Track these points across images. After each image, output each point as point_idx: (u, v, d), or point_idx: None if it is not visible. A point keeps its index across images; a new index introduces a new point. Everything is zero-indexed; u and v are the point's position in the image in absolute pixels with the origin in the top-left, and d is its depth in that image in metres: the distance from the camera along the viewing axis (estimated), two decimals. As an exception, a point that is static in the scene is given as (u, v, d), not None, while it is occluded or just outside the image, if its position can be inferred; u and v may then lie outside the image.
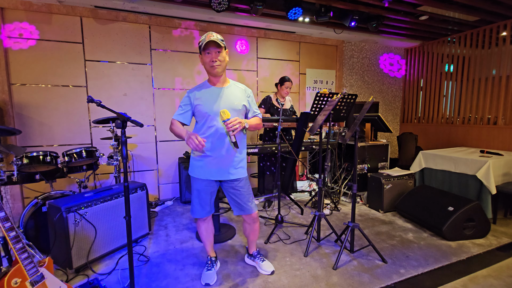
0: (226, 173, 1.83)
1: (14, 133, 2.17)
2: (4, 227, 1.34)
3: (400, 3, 3.47)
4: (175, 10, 3.48)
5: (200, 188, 1.85)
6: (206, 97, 1.78)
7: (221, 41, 1.71)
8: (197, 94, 1.80)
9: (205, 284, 1.93)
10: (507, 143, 3.90)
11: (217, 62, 1.72)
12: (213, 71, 1.74)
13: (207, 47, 1.69)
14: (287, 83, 3.41)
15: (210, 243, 2.08)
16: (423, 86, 5.24)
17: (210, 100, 1.78)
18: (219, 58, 1.72)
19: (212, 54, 1.71)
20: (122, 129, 1.49)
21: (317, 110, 2.81)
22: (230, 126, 1.64)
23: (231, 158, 1.83)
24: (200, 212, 1.90)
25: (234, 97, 1.82)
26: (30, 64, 3.17)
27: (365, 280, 1.97)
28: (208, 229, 2.01)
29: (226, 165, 1.82)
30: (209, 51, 1.71)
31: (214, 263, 2.10)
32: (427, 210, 2.81)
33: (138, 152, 3.74)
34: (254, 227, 2.05)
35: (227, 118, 1.65)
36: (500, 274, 2.06)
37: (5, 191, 3.12)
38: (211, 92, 1.81)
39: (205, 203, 1.88)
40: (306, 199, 3.79)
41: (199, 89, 1.83)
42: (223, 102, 1.78)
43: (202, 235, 2.03)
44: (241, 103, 1.83)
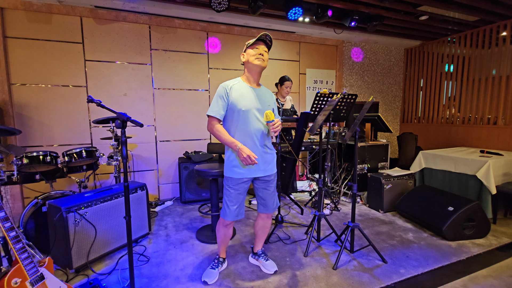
0: (262, 169, 1.88)
1: (14, 133, 2.17)
2: (4, 227, 1.34)
3: (400, 3, 3.47)
4: (175, 10, 3.48)
5: (236, 187, 1.86)
6: (244, 95, 1.81)
7: (270, 42, 1.83)
8: (234, 89, 1.81)
9: (203, 281, 1.95)
10: (507, 143, 3.90)
11: (262, 56, 1.79)
12: (256, 62, 1.79)
13: (257, 43, 1.80)
14: (287, 82, 3.41)
15: (225, 246, 2.11)
16: (423, 86, 5.24)
17: (247, 98, 1.80)
18: (265, 55, 1.82)
19: (260, 49, 1.79)
20: (122, 129, 1.49)
21: (317, 110, 2.81)
22: (275, 127, 1.72)
23: (268, 154, 1.90)
24: (234, 214, 1.88)
25: (267, 100, 1.89)
26: (30, 64, 3.17)
27: (365, 280, 1.97)
28: (227, 233, 2.02)
29: (262, 161, 1.87)
30: (258, 47, 1.80)
31: (221, 263, 2.10)
32: (427, 210, 2.81)
33: (138, 152, 3.74)
34: (267, 224, 2.10)
35: (272, 120, 1.72)
36: (500, 274, 2.06)
37: (5, 191, 3.12)
38: (248, 90, 1.84)
39: (238, 204, 1.88)
40: (306, 199, 3.79)
41: (236, 85, 1.84)
42: (259, 102, 1.83)
43: (220, 238, 2.04)
44: (272, 106, 1.91)
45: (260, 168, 1.87)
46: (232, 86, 1.81)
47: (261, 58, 1.78)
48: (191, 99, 3.94)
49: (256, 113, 1.81)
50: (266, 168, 1.90)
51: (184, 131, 3.95)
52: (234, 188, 1.85)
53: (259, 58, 1.78)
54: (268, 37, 1.79)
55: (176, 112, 3.87)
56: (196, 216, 3.22)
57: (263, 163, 1.88)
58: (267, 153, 1.90)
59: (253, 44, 1.79)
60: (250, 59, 1.80)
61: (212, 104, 1.81)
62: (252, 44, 1.79)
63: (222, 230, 1.98)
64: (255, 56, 1.78)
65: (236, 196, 1.86)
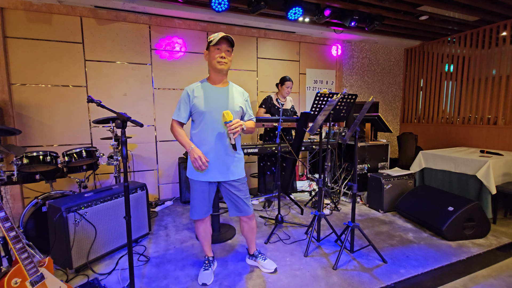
0: (225, 174, 1.83)
1: (14, 133, 2.17)
2: (4, 227, 1.34)
3: (400, 3, 3.47)
4: (175, 10, 3.47)
5: (199, 190, 1.84)
6: (206, 96, 1.78)
7: (233, 41, 1.75)
8: (196, 92, 1.79)
9: (202, 284, 1.93)
10: (507, 143, 3.90)
11: (225, 59, 1.74)
12: (219, 66, 1.75)
13: (219, 43, 1.72)
14: (288, 82, 3.41)
15: (208, 243, 2.09)
16: (423, 86, 5.24)
17: (210, 99, 1.77)
18: (228, 56, 1.76)
19: (222, 50, 1.73)
20: (122, 129, 1.49)
21: (317, 110, 2.81)
22: (233, 128, 1.66)
23: (230, 158, 1.84)
24: (198, 214, 1.89)
25: (233, 99, 1.83)
26: (30, 64, 3.17)
27: (365, 280, 1.97)
28: (206, 229, 2.01)
29: (226, 165, 1.82)
30: (220, 47, 1.73)
31: (212, 263, 2.10)
32: (427, 210, 2.81)
33: (138, 152, 3.73)
34: (252, 225, 2.05)
35: (229, 120, 1.66)
36: (500, 274, 2.06)
37: (5, 191, 3.12)
38: (211, 91, 1.80)
39: (203, 205, 1.88)
40: (306, 199, 3.79)
41: (199, 86, 1.82)
42: (223, 102, 1.79)
43: (200, 236, 2.04)
44: (239, 105, 1.85)
45: (221, 173, 1.81)
46: (194, 89, 1.80)
47: (223, 62, 1.74)
48: (191, 99, 3.93)
49: (219, 115, 1.75)
50: (229, 173, 1.82)
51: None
52: (197, 190, 1.84)
53: (221, 62, 1.73)
54: (230, 37, 1.72)
55: (176, 112, 3.87)
56: (196, 216, 3.22)
57: (226, 167, 1.81)
58: (231, 156, 1.83)
59: (215, 44, 1.71)
60: (213, 62, 1.75)
61: (176, 108, 1.83)
62: (214, 44, 1.71)
63: (199, 226, 1.98)
64: (217, 59, 1.73)
65: (201, 197, 1.85)
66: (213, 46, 1.73)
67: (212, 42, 1.72)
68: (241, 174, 1.90)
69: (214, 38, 1.71)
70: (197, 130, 1.81)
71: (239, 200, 1.90)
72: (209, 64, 1.81)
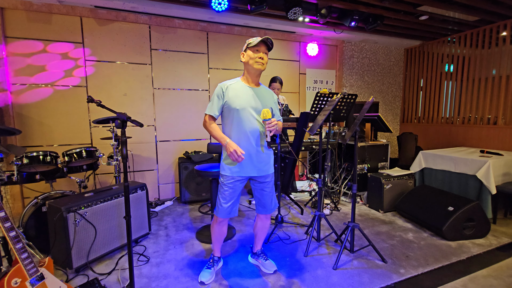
0: (258, 169, 1.88)
1: (14, 133, 2.16)
2: (4, 227, 1.35)
3: (400, 3, 3.47)
4: (175, 10, 3.48)
5: (230, 186, 1.86)
6: (239, 94, 1.82)
7: (271, 45, 1.81)
8: (230, 89, 1.83)
9: (200, 282, 1.95)
10: (507, 143, 3.90)
11: (262, 60, 1.79)
12: (257, 66, 1.79)
13: (258, 45, 1.78)
14: (274, 84, 3.37)
15: (219, 244, 2.10)
16: (423, 86, 5.24)
17: (243, 97, 1.82)
18: (265, 58, 1.81)
19: (261, 52, 1.78)
20: (122, 129, 1.49)
21: (317, 110, 2.81)
22: (271, 126, 1.73)
23: (260, 154, 1.88)
24: (225, 212, 1.88)
25: (265, 99, 1.89)
26: (30, 64, 3.17)
27: (365, 280, 1.97)
28: (222, 231, 2.02)
29: (258, 161, 1.87)
30: (259, 49, 1.79)
31: (216, 262, 2.10)
32: (427, 210, 2.81)
33: (138, 152, 3.73)
34: (266, 224, 2.09)
35: (268, 118, 1.72)
36: (500, 274, 2.06)
37: (5, 191, 3.12)
38: (245, 90, 1.85)
39: (233, 203, 1.89)
40: (306, 199, 3.79)
41: (232, 84, 1.86)
42: (255, 101, 1.83)
43: (215, 234, 2.04)
44: (270, 105, 1.90)
45: (254, 168, 1.87)
46: (228, 86, 1.84)
47: (261, 62, 1.79)
48: (191, 99, 3.94)
49: (252, 112, 1.81)
50: (261, 168, 1.89)
51: (184, 131, 3.95)
52: (227, 186, 1.86)
53: (259, 62, 1.78)
54: (269, 40, 1.78)
55: (176, 112, 3.87)
56: (196, 216, 3.22)
57: (258, 162, 1.87)
58: (263, 153, 1.88)
59: (254, 46, 1.78)
60: (250, 62, 1.80)
61: (209, 103, 1.87)
62: (253, 45, 1.78)
63: (216, 227, 1.99)
64: (255, 59, 1.78)
65: (229, 194, 1.87)
66: (252, 48, 1.79)
67: (251, 44, 1.78)
68: (272, 170, 1.97)
69: (254, 41, 1.78)
70: (228, 126, 1.85)
71: (267, 198, 1.96)
72: (246, 64, 1.85)
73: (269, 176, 1.95)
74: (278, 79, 3.40)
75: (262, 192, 1.95)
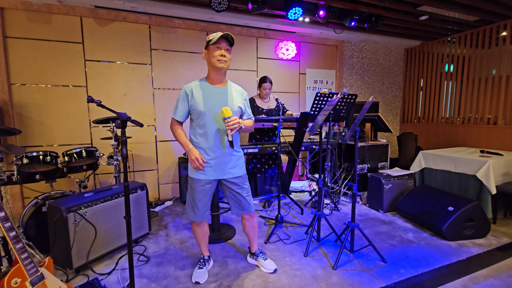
0: (226, 171, 1.85)
1: (14, 133, 2.17)
2: (4, 227, 1.34)
3: (400, 3, 3.47)
4: (175, 10, 3.48)
5: (199, 189, 1.84)
6: (205, 96, 1.78)
7: (232, 40, 1.76)
8: (194, 91, 1.79)
9: (195, 282, 1.95)
10: (507, 143, 3.90)
11: (225, 58, 1.75)
12: (218, 65, 1.75)
13: (219, 42, 1.72)
14: (264, 84, 3.33)
15: (205, 243, 2.10)
16: (423, 86, 5.24)
17: (209, 99, 1.78)
18: (227, 55, 1.77)
19: (222, 48, 1.74)
20: (122, 129, 1.49)
21: (317, 110, 2.81)
22: (230, 124, 1.67)
23: (229, 156, 1.85)
24: (196, 215, 1.89)
25: (232, 98, 1.84)
26: (30, 64, 3.17)
27: (365, 280, 1.97)
28: (204, 231, 2.03)
29: (226, 163, 1.84)
30: (219, 46, 1.73)
31: (207, 261, 2.11)
32: (427, 210, 2.81)
33: (138, 152, 3.73)
34: (253, 223, 2.07)
35: (228, 116, 1.67)
36: (500, 274, 2.06)
37: (5, 191, 3.12)
38: (210, 91, 1.81)
39: (202, 206, 1.88)
40: (306, 199, 3.79)
41: (197, 86, 1.82)
42: (221, 102, 1.80)
43: (197, 237, 2.05)
44: (238, 104, 1.85)
45: (222, 170, 1.83)
46: (193, 88, 1.80)
47: (223, 60, 1.74)
48: (191, 99, 3.93)
49: (217, 114, 1.77)
50: (230, 171, 1.85)
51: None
52: (197, 190, 1.84)
53: (221, 61, 1.74)
54: (230, 36, 1.73)
55: (176, 112, 3.87)
56: (196, 216, 3.22)
57: (226, 165, 1.84)
58: (231, 155, 1.85)
59: (215, 43, 1.71)
60: (212, 60, 1.75)
61: (175, 107, 1.84)
62: (213, 42, 1.71)
63: (196, 229, 2.00)
64: (217, 57, 1.73)
65: (199, 198, 1.85)
66: (212, 45, 1.74)
67: (211, 41, 1.72)
68: (241, 172, 1.92)
69: (214, 37, 1.71)
70: (196, 129, 1.82)
71: (241, 198, 1.92)
72: (208, 63, 1.81)
73: (240, 177, 1.90)
74: (268, 78, 3.35)
75: (235, 193, 1.91)
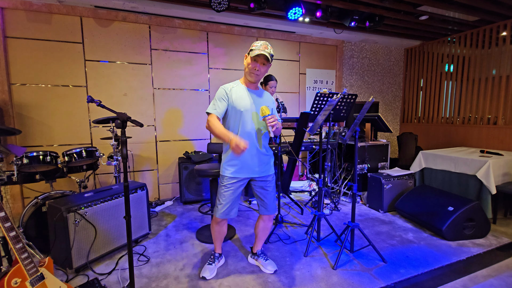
0: (258, 170, 1.91)
1: (14, 133, 2.16)
2: (4, 227, 1.34)
3: (400, 3, 3.47)
4: (175, 10, 3.47)
5: (230, 187, 1.88)
6: (243, 97, 1.86)
7: (271, 57, 1.80)
8: (233, 91, 1.86)
9: (201, 276, 1.98)
10: (507, 143, 3.90)
11: (258, 71, 1.82)
12: (250, 77, 1.84)
13: (259, 57, 1.78)
14: (271, 82, 3.30)
15: (221, 241, 2.15)
16: (423, 86, 5.24)
17: (246, 100, 1.85)
18: (262, 69, 1.82)
19: (259, 63, 1.80)
20: (122, 129, 1.49)
21: (317, 110, 2.81)
22: (272, 121, 1.73)
23: (262, 155, 1.92)
24: (225, 213, 1.90)
25: (266, 102, 1.92)
26: (30, 64, 3.17)
27: (365, 280, 1.97)
28: (221, 231, 2.06)
29: (259, 162, 1.90)
30: (257, 60, 1.80)
31: (217, 259, 2.13)
32: (427, 210, 2.81)
33: (138, 152, 3.73)
34: (268, 226, 2.11)
35: (268, 114, 1.74)
36: (500, 274, 2.06)
37: (5, 191, 3.12)
38: (246, 93, 1.88)
39: (232, 205, 1.91)
40: (306, 199, 3.79)
41: (235, 87, 1.88)
42: (258, 104, 1.88)
43: (214, 235, 2.09)
44: (272, 106, 1.95)
45: (255, 169, 1.90)
46: (231, 88, 1.87)
47: (255, 74, 1.82)
48: (191, 99, 3.94)
49: (254, 114, 1.86)
50: (262, 169, 1.93)
51: (184, 131, 3.95)
52: (227, 187, 1.88)
53: (253, 74, 1.82)
54: (268, 50, 1.78)
55: (176, 112, 3.87)
56: (196, 216, 3.22)
57: (259, 164, 1.91)
58: (263, 154, 1.93)
59: (254, 56, 1.78)
60: (246, 70, 1.85)
61: (211, 104, 1.86)
62: (253, 55, 1.77)
63: (215, 227, 2.03)
64: (251, 70, 1.81)
65: (228, 195, 1.88)
66: (251, 56, 1.80)
67: (252, 52, 1.79)
68: (271, 171, 1.99)
69: (254, 50, 1.77)
70: (231, 128, 1.87)
71: (268, 199, 1.98)
72: (245, 69, 1.88)
73: (270, 176, 1.98)
74: (273, 77, 3.36)
75: (264, 192, 1.97)
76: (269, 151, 2.00)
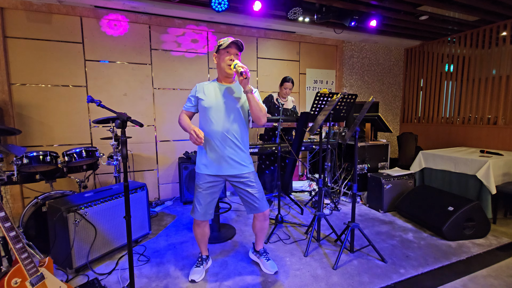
0: (232, 168, 1.86)
1: (14, 133, 2.17)
2: (4, 227, 1.34)
3: (400, 3, 3.47)
4: (175, 10, 3.47)
5: (206, 187, 1.86)
6: (212, 93, 1.84)
7: (242, 46, 1.78)
8: (205, 88, 1.86)
9: (190, 280, 1.96)
10: (507, 143, 3.90)
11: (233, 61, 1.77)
12: (228, 70, 1.79)
13: (229, 47, 1.76)
14: (286, 83, 3.45)
15: (205, 243, 2.11)
16: (423, 86, 5.24)
17: (215, 96, 1.83)
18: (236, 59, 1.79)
19: (231, 53, 1.77)
20: (122, 129, 1.49)
21: (317, 110, 2.81)
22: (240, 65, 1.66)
23: (236, 153, 1.86)
24: (201, 214, 1.89)
25: (237, 94, 1.87)
26: (30, 64, 3.17)
27: (365, 280, 1.97)
28: (204, 233, 2.03)
29: (232, 160, 1.85)
30: (229, 51, 1.77)
31: (205, 261, 2.11)
32: (427, 210, 2.81)
33: (138, 152, 3.73)
34: (264, 225, 2.05)
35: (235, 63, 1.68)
36: (500, 274, 2.06)
37: (5, 191, 3.12)
38: (218, 89, 1.86)
39: (208, 205, 1.89)
40: (306, 199, 3.79)
41: (208, 84, 1.88)
42: (225, 98, 1.83)
43: (197, 238, 2.05)
44: (243, 99, 1.87)
45: (228, 167, 1.84)
46: (204, 86, 1.87)
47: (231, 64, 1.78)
48: (191, 99, 3.93)
49: (224, 111, 1.80)
50: (236, 167, 1.85)
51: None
52: (201, 187, 1.87)
53: (230, 66, 1.77)
54: (239, 41, 1.76)
55: (176, 112, 3.87)
56: (196, 216, 3.22)
57: (232, 161, 1.84)
58: (235, 151, 1.85)
59: (225, 48, 1.76)
60: (222, 65, 1.80)
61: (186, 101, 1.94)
62: (224, 47, 1.75)
63: (196, 229, 2.01)
64: (226, 62, 1.78)
65: (203, 196, 1.87)
66: (222, 50, 1.77)
67: (222, 46, 1.76)
68: (249, 169, 1.91)
69: (224, 42, 1.75)
70: (202, 126, 1.86)
71: (251, 197, 1.90)
72: (218, 67, 1.85)
73: (247, 174, 1.89)
74: (290, 79, 3.46)
75: (246, 191, 1.89)
76: (244, 149, 1.90)
